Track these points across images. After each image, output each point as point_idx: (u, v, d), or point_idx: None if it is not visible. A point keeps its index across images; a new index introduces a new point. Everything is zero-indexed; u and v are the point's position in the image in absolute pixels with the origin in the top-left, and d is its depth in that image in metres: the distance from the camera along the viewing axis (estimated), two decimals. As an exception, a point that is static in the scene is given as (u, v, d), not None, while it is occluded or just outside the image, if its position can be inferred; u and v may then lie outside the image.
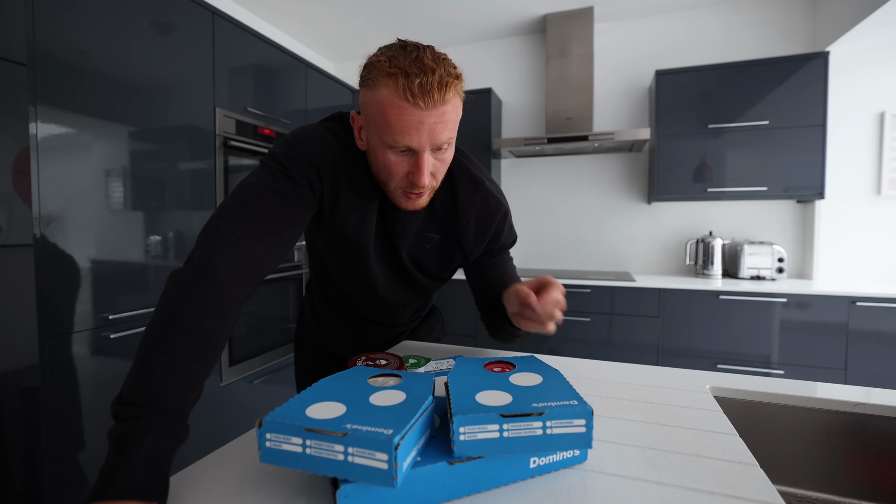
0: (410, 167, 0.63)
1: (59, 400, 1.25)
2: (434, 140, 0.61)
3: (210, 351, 0.53)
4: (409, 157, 0.63)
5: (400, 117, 0.58)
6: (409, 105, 0.58)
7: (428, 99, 0.57)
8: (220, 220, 0.60)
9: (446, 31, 2.98)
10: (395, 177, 0.65)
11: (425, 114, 0.58)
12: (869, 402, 0.70)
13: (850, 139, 2.40)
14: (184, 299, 0.53)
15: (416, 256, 0.81)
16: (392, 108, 0.58)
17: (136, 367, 0.49)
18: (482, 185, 0.77)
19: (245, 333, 1.97)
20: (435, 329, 1.12)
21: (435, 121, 0.59)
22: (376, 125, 0.61)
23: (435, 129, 0.60)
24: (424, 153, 0.62)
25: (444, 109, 0.59)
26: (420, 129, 0.59)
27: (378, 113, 0.60)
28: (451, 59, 0.62)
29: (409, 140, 0.60)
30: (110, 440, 0.44)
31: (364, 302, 0.88)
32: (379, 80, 0.59)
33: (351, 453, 0.39)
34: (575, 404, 0.46)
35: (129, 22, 1.43)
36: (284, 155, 0.66)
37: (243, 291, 0.58)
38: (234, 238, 0.58)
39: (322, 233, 0.76)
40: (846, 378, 2.05)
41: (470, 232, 0.78)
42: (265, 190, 0.63)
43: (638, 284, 2.33)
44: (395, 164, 0.63)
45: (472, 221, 0.78)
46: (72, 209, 1.29)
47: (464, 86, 0.64)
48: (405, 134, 0.59)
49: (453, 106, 0.61)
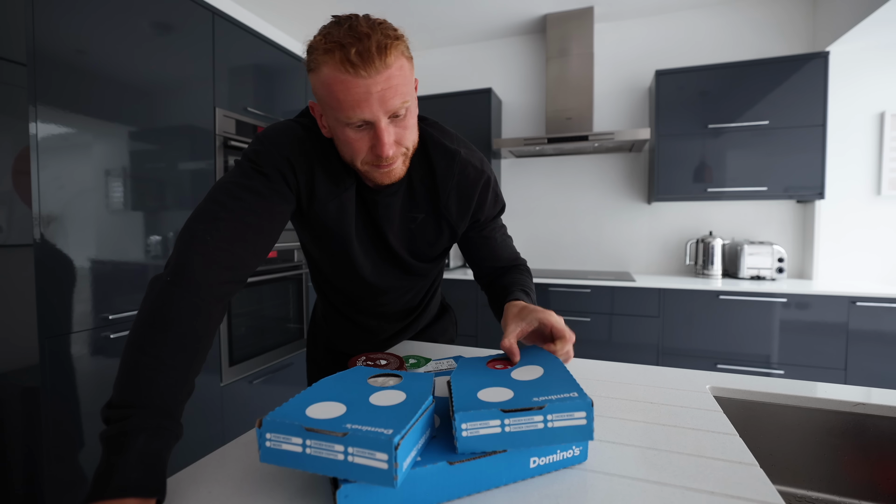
0: (372, 140, 0.61)
1: (59, 400, 1.25)
2: (386, 106, 0.58)
3: (195, 348, 0.53)
4: (368, 130, 0.61)
5: (346, 91, 0.57)
6: (352, 77, 0.56)
7: (370, 66, 0.55)
8: (194, 221, 0.59)
9: (446, 31, 2.98)
10: (360, 153, 0.63)
11: (370, 81, 0.56)
12: (869, 402, 0.70)
13: (850, 139, 2.40)
14: (163, 300, 0.53)
15: (404, 238, 0.79)
16: (336, 84, 0.57)
17: (122, 371, 0.49)
18: (458, 155, 0.74)
19: (245, 333, 1.97)
20: (448, 330, 1.11)
21: (382, 87, 0.57)
22: (328, 106, 0.60)
23: (385, 95, 0.57)
24: (381, 123, 0.59)
25: (388, 73, 0.57)
26: (369, 98, 0.57)
27: (326, 93, 0.59)
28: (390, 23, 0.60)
29: (361, 112, 0.58)
30: (103, 442, 0.45)
31: (357, 292, 0.87)
32: (319, 60, 0.58)
33: (351, 453, 0.39)
34: (575, 396, 0.46)
35: (129, 22, 1.43)
36: (255, 152, 0.65)
37: (223, 288, 0.58)
38: (208, 236, 0.57)
39: (305, 227, 0.76)
40: (846, 378, 2.05)
41: (452, 205, 0.76)
42: (238, 188, 0.62)
43: (638, 284, 2.33)
44: (357, 141, 0.62)
45: (453, 194, 0.75)
46: (72, 209, 1.29)
47: (407, 45, 0.61)
48: (356, 107, 0.57)
49: (399, 68, 0.58)
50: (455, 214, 0.77)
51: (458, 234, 0.82)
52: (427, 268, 0.87)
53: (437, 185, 0.75)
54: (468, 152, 0.77)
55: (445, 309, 1.13)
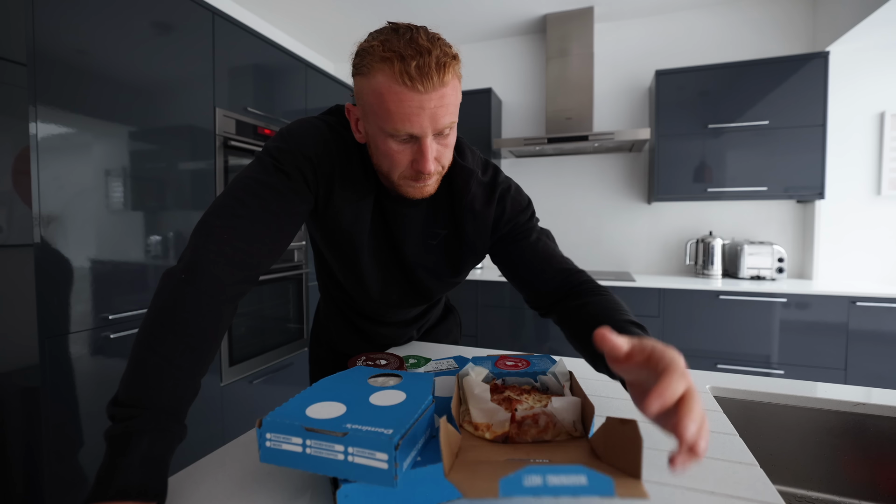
0: (414, 155, 0.60)
1: (59, 400, 1.25)
2: (436, 124, 0.58)
3: (205, 349, 0.52)
4: (411, 144, 0.60)
5: (399, 103, 0.56)
6: (408, 90, 0.55)
7: (427, 82, 0.55)
8: (212, 216, 0.58)
9: (446, 31, 2.97)
10: (399, 166, 0.62)
11: (425, 98, 0.55)
12: (869, 402, 0.70)
13: (850, 139, 2.40)
14: (175, 298, 0.52)
15: (421, 254, 0.77)
16: (390, 94, 0.56)
17: (130, 368, 0.49)
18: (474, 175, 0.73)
19: (245, 333, 1.97)
20: (453, 331, 1.10)
21: (436, 104, 0.56)
22: (374, 114, 0.59)
23: (436, 112, 0.57)
24: (427, 139, 0.59)
25: (443, 92, 0.57)
26: (421, 114, 0.56)
27: (376, 101, 0.57)
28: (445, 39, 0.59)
29: (410, 127, 0.57)
30: (107, 441, 0.44)
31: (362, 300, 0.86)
32: (373, 67, 0.56)
33: (351, 453, 0.39)
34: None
35: (129, 22, 1.43)
36: (278, 149, 0.64)
37: (237, 288, 0.57)
38: (226, 235, 0.57)
39: (318, 227, 0.75)
40: (846, 378, 2.05)
41: (469, 226, 0.74)
42: (258, 185, 0.61)
43: (638, 284, 2.33)
44: (398, 153, 0.60)
45: (469, 215, 0.73)
46: (72, 209, 1.29)
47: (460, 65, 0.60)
48: (406, 120, 0.56)
49: (453, 88, 0.58)
50: (472, 233, 0.74)
51: (480, 254, 0.77)
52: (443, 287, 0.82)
53: (454, 205, 0.74)
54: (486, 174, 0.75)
55: (450, 310, 1.12)
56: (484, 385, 0.55)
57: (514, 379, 0.63)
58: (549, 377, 0.61)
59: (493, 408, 0.50)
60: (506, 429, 0.48)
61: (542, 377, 0.62)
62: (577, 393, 0.56)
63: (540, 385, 0.62)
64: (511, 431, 0.48)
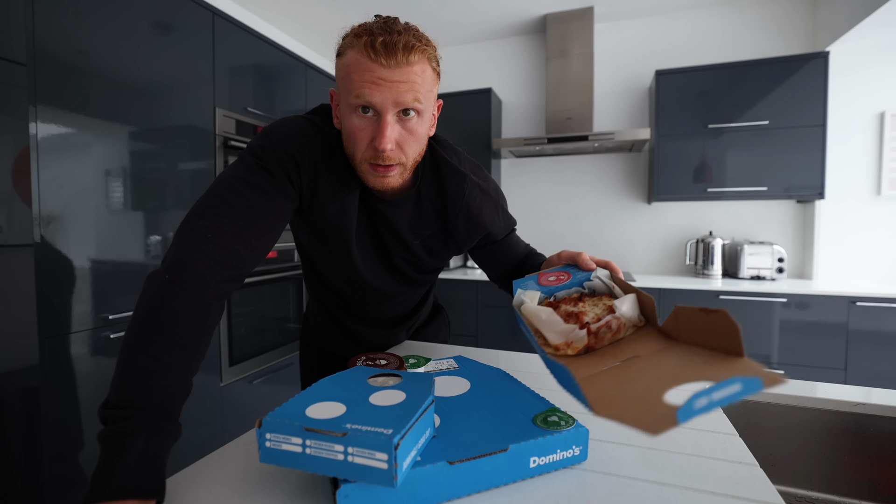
0: (374, 133, 0.61)
1: (59, 400, 1.25)
2: (397, 99, 0.59)
3: (193, 348, 0.52)
4: (373, 121, 0.61)
5: (361, 73, 0.58)
6: (371, 61, 0.57)
7: (391, 57, 0.57)
8: (195, 216, 0.58)
9: (446, 31, 2.98)
10: (361, 143, 0.62)
11: (388, 71, 0.58)
12: (869, 402, 0.70)
13: (850, 139, 2.40)
14: (160, 298, 0.52)
15: (406, 252, 0.79)
16: (355, 65, 0.59)
17: (120, 371, 0.48)
18: (467, 178, 0.75)
19: (245, 333, 1.97)
20: (441, 331, 1.11)
21: (398, 79, 0.58)
22: (343, 89, 0.62)
23: (398, 87, 0.58)
24: (387, 115, 0.60)
25: (408, 70, 0.58)
26: (381, 84, 0.58)
27: (344, 74, 0.61)
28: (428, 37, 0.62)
29: (369, 94, 0.58)
30: (101, 443, 0.44)
31: (354, 296, 0.87)
32: (346, 43, 0.61)
33: (351, 453, 0.39)
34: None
35: (129, 22, 1.43)
36: (261, 147, 0.64)
37: (222, 287, 0.57)
38: (209, 234, 0.57)
39: (304, 226, 0.75)
40: (846, 378, 2.05)
41: (461, 225, 0.77)
42: (241, 184, 0.61)
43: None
44: (360, 130, 0.61)
45: (461, 215, 0.76)
46: (72, 209, 1.29)
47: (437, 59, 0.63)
48: (365, 87, 0.58)
49: (421, 70, 0.60)
50: (463, 234, 0.78)
51: (464, 250, 0.83)
52: (428, 278, 0.88)
53: (447, 205, 0.75)
54: (478, 176, 0.78)
55: (438, 310, 1.12)
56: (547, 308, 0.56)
57: (563, 292, 0.64)
58: (595, 281, 0.63)
59: (568, 328, 0.52)
60: (586, 342, 0.50)
61: (589, 283, 0.64)
62: (627, 289, 0.58)
63: (588, 290, 0.63)
64: (590, 342, 0.50)
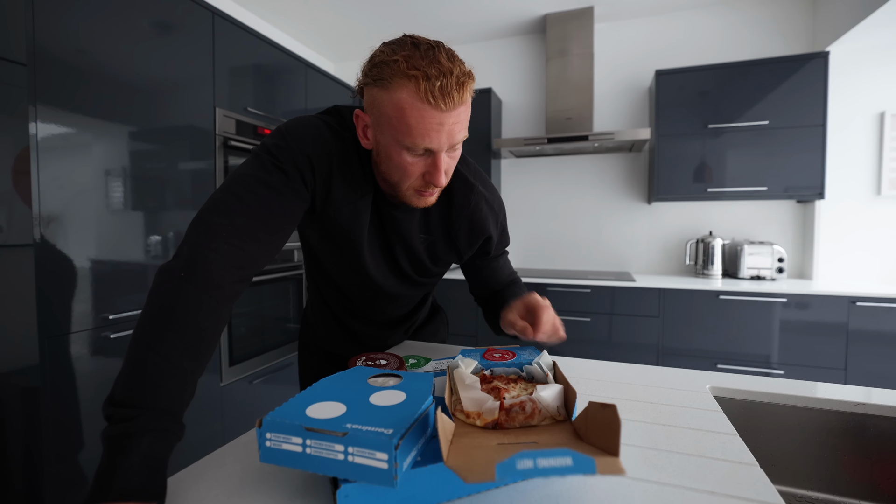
0: (427, 167, 0.63)
1: (60, 400, 1.25)
2: (452, 139, 0.61)
3: (203, 349, 0.52)
4: (425, 157, 0.63)
5: (421, 119, 0.58)
6: (431, 108, 0.57)
7: (448, 101, 0.57)
8: (210, 213, 0.58)
9: (446, 31, 2.98)
10: (410, 178, 0.65)
11: (445, 115, 0.58)
12: (869, 402, 0.70)
13: (850, 139, 2.40)
14: (175, 297, 0.52)
15: (411, 255, 0.81)
16: (412, 109, 0.58)
17: (128, 367, 0.48)
18: (475, 188, 0.78)
19: (245, 333, 1.97)
20: (440, 331, 1.11)
21: (453, 121, 0.60)
22: (392, 126, 0.60)
23: (453, 129, 0.60)
24: (442, 153, 0.62)
25: (462, 108, 0.60)
26: (440, 130, 0.59)
27: (396, 115, 0.59)
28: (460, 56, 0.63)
29: (429, 142, 0.60)
30: (105, 442, 0.44)
31: (359, 296, 0.88)
32: (395, 81, 0.58)
33: (351, 453, 0.39)
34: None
35: (129, 22, 1.43)
36: (277, 146, 0.64)
37: (234, 288, 0.57)
38: (224, 233, 0.57)
39: (315, 226, 0.75)
40: (846, 378, 2.05)
41: (463, 234, 0.79)
42: (257, 182, 0.61)
43: (638, 284, 2.33)
44: (412, 166, 0.63)
45: (464, 223, 0.78)
46: (72, 209, 1.29)
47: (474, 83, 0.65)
48: (426, 136, 0.59)
49: (467, 105, 0.62)
50: (464, 243, 0.81)
51: (464, 259, 0.85)
52: (430, 282, 0.90)
53: (452, 212, 0.77)
54: (485, 188, 0.80)
55: (437, 310, 1.13)
56: (473, 376, 0.58)
57: (501, 369, 0.66)
58: (535, 367, 0.64)
59: (483, 396, 0.52)
60: (495, 416, 0.51)
61: (528, 367, 0.65)
62: (560, 380, 0.60)
63: (526, 374, 0.65)
64: (500, 418, 0.51)
